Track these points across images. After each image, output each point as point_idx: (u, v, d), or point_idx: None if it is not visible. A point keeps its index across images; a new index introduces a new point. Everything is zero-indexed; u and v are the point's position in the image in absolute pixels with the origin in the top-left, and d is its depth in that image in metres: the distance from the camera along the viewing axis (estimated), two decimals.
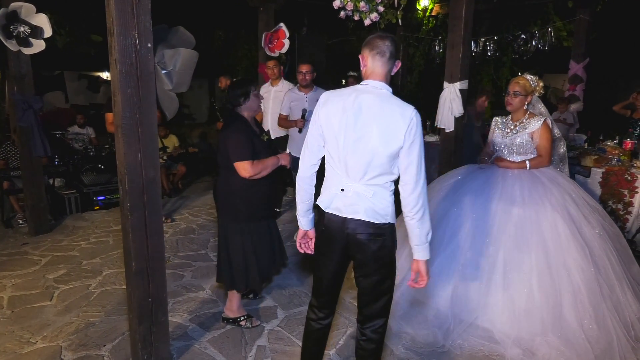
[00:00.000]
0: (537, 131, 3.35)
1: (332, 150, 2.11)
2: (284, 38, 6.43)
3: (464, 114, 4.63)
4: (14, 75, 4.72)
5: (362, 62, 2.14)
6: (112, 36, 2.35)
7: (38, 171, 5.09)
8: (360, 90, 2.09)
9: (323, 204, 2.18)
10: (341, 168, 2.11)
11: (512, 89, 3.40)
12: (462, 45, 4.48)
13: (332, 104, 2.10)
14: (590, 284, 2.97)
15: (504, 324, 3.02)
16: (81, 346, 3.03)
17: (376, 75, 2.10)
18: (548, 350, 2.86)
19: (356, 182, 2.09)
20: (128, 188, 2.50)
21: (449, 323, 3.11)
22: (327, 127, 2.10)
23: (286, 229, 5.37)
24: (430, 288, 3.22)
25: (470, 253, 3.24)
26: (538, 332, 2.94)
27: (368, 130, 2.02)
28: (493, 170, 3.53)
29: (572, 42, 7.21)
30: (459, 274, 3.23)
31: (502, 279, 3.10)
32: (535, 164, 3.38)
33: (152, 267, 2.66)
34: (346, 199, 2.11)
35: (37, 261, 4.40)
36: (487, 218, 3.28)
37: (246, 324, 3.27)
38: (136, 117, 2.46)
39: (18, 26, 4.15)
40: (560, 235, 3.08)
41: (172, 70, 2.63)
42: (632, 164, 4.63)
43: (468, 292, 3.17)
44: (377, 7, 3.87)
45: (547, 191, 3.24)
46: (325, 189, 2.21)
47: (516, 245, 3.13)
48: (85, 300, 3.65)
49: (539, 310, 2.98)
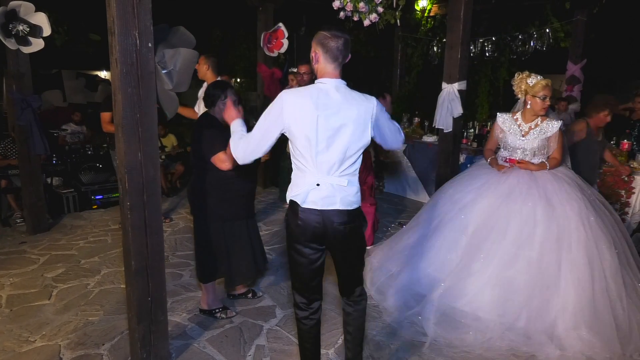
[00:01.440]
0: (554, 136, 3.44)
1: (303, 148, 2.14)
2: (282, 38, 6.45)
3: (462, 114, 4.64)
4: (13, 74, 4.72)
5: (315, 57, 2.18)
6: (113, 36, 2.35)
7: (36, 170, 5.09)
8: (323, 89, 2.15)
9: (299, 199, 2.21)
10: (313, 164, 2.15)
11: (545, 93, 3.38)
12: (460, 45, 4.50)
13: (299, 104, 2.11)
14: (616, 276, 3.10)
15: (544, 322, 3.05)
16: (80, 345, 3.03)
17: (331, 74, 2.18)
18: (580, 344, 2.92)
19: (330, 175, 2.17)
20: (128, 187, 2.50)
21: (486, 326, 3.09)
22: (296, 126, 2.11)
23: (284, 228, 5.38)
24: (468, 294, 3.22)
25: (508, 257, 3.24)
26: (571, 326, 2.99)
27: (341, 126, 2.12)
28: (518, 172, 3.51)
29: (570, 43, 7.24)
30: (496, 278, 3.22)
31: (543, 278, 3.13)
32: (553, 165, 3.48)
33: (151, 266, 2.67)
34: (322, 192, 2.18)
35: (35, 260, 4.40)
36: (530, 221, 3.28)
37: (221, 315, 3.37)
38: (136, 117, 2.46)
39: (17, 25, 4.15)
40: (592, 229, 3.18)
41: (172, 70, 2.63)
42: (629, 165, 4.65)
43: (508, 294, 3.16)
44: (377, 8, 3.88)
45: (572, 189, 3.35)
46: (296, 186, 2.24)
47: (558, 246, 3.17)
48: (84, 299, 3.66)
49: (575, 305, 3.04)
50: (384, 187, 6.97)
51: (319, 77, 2.20)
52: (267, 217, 5.78)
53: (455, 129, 4.77)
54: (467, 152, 5.90)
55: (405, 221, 5.53)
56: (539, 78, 3.42)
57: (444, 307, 3.25)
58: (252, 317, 3.42)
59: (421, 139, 6.46)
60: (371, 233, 4.66)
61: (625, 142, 4.93)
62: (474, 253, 3.33)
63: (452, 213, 3.59)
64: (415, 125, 6.94)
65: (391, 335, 3.18)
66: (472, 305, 3.20)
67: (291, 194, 2.26)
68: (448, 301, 3.27)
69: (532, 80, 3.43)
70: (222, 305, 3.43)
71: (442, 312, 3.24)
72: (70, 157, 6.59)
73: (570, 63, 7.30)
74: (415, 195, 6.62)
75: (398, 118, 7.55)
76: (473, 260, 3.32)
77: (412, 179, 6.59)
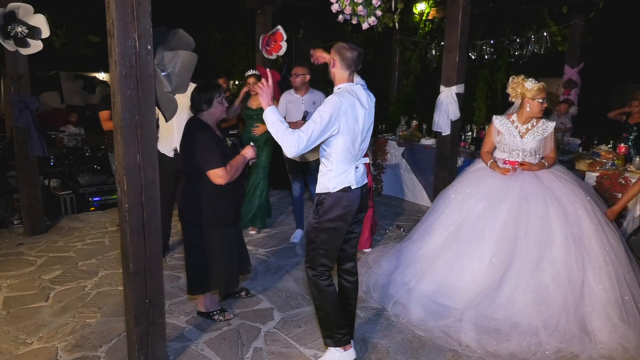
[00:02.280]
0: (550, 136, 3.58)
1: (351, 143, 2.57)
2: (281, 40, 6.46)
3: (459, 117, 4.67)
4: (11, 76, 4.71)
5: (332, 62, 2.63)
6: (113, 38, 2.36)
7: (33, 171, 5.08)
8: (358, 94, 2.62)
9: (353, 182, 2.62)
10: (354, 151, 2.61)
11: (542, 97, 3.48)
12: (458, 49, 4.52)
13: (352, 108, 2.53)
14: (629, 268, 3.25)
15: (579, 320, 3.08)
16: (77, 347, 3.03)
17: (347, 79, 2.64)
18: (615, 336, 3.01)
19: (360, 158, 2.69)
20: (127, 189, 2.50)
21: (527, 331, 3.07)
22: (351, 127, 2.53)
23: (282, 231, 5.39)
24: (500, 301, 3.20)
25: (533, 260, 3.25)
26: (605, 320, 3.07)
27: (372, 118, 2.71)
28: (524, 175, 3.55)
29: (567, 46, 7.27)
30: (525, 282, 3.22)
31: (570, 278, 3.17)
32: (551, 164, 3.60)
33: (149, 268, 2.67)
34: (359, 173, 2.67)
35: (32, 262, 4.39)
36: (547, 223, 3.31)
37: (219, 317, 3.38)
38: (135, 119, 2.46)
39: (16, 26, 4.15)
40: (602, 225, 3.31)
41: (171, 73, 2.63)
42: (626, 168, 4.67)
43: (540, 297, 3.17)
44: (375, 11, 3.89)
45: (576, 189, 3.46)
46: (340, 174, 2.60)
47: (577, 244, 3.23)
48: (82, 301, 3.65)
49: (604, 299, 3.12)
50: (382, 190, 6.98)
51: (339, 81, 2.64)
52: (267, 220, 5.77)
53: (453, 132, 4.79)
54: (465, 155, 5.92)
55: (403, 224, 5.54)
56: (535, 82, 3.49)
57: (477, 316, 3.20)
58: (250, 319, 3.42)
59: (419, 141, 6.47)
60: (369, 236, 4.67)
61: (622, 146, 4.95)
62: (499, 260, 3.31)
63: (468, 221, 3.55)
64: (414, 128, 6.95)
65: (423, 347, 3.11)
66: (505, 312, 3.16)
67: (339, 182, 2.59)
68: (480, 310, 3.21)
69: (530, 84, 3.47)
70: (219, 308, 3.43)
71: (477, 322, 3.18)
72: (67, 159, 6.58)
73: (567, 67, 7.33)
74: (413, 198, 6.63)
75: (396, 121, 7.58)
76: (499, 267, 3.29)
77: (410, 181, 6.60)
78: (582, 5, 6.72)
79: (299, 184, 4.86)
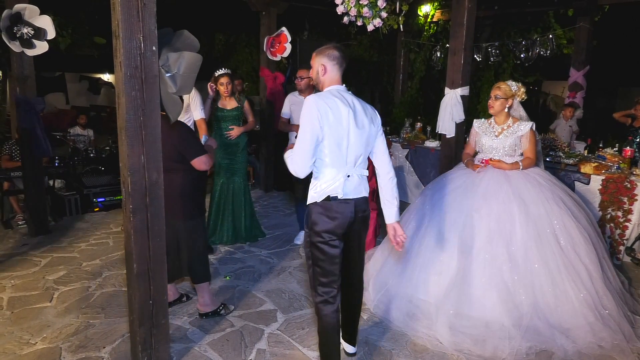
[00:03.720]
0: (526, 135, 3.58)
1: (337, 145, 2.39)
2: (285, 42, 6.47)
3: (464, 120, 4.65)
4: (17, 77, 4.74)
5: (322, 70, 2.49)
6: (118, 39, 2.36)
7: (39, 172, 5.10)
8: (342, 94, 2.46)
9: (338, 192, 2.42)
10: (344, 159, 2.42)
11: (493, 93, 3.64)
12: (463, 51, 4.51)
13: (333, 107, 2.37)
14: (598, 271, 3.27)
15: (552, 317, 3.10)
16: (81, 348, 3.03)
17: (338, 81, 2.52)
18: (591, 335, 3.03)
19: (355, 167, 2.47)
20: (131, 190, 2.51)
21: (499, 329, 3.07)
22: (333, 127, 2.35)
23: (285, 232, 5.39)
24: (472, 298, 3.20)
25: (499, 256, 3.25)
26: (580, 318, 3.09)
27: (364, 123, 2.46)
28: (493, 172, 3.59)
29: (572, 49, 7.24)
30: (497, 280, 3.20)
31: (535, 276, 3.17)
32: (526, 165, 3.58)
33: (153, 270, 2.67)
34: (352, 183, 2.46)
35: (37, 262, 4.40)
36: (509, 220, 3.33)
37: (225, 311, 3.46)
38: (140, 120, 2.47)
39: (22, 27, 4.17)
40: (572, 228, 3.32)
41: (176, 74, 2.63)
42: (632, 172, 4.64)
43: (509, 295, 3.16)
44: (380, 13, 3.89)
45: (542, 189, 3.46)
46: (326, 182, 2.43)
47: (540, 243, 3.24)
48: (85, 301, 3.65)
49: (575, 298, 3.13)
50: None
51: (327, 86, 2.50)
52: (269, 221, 5.77)
53: (458, 135, 4.77)
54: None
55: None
56: (509, 83, 3.65)
57: (450, 314, 3.20)
58: (254, 321, 3.41)
59: (423, 144, 6.46)
60: (372, 238, 4.66)
61: (628, 149, 4.92)
62: (466, 254, 3.32)
63: (435, 215, 3.61)
64: (418, 131, 6.95)
65: (426, 350, 3.09)
66: (478, 310, 3.16)
67: (324, 191, 2.43)
68: (454, 307, 3.22)
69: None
70: (221, 302, 3.51)
71: (450, 321, 3.17)
72: (72, 160, 6.60)
73: (573, 70, 7.30)
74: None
75: (400, 123, 7.56)
76: (468, 262, 3.29)
77: (414, 183, 6.58)
78: (587, 8, 6.70)
79: (301, 184, 4.86)
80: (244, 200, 4.95)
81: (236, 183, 4.89)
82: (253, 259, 4.58)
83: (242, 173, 4.93)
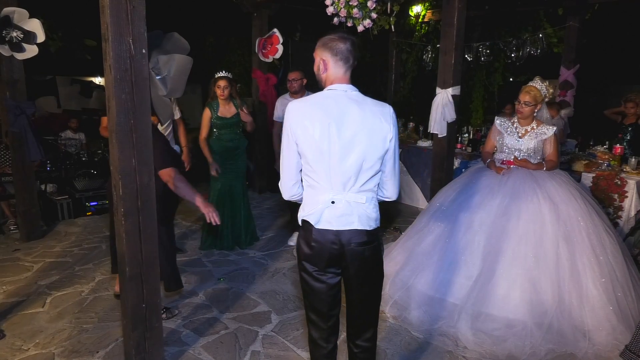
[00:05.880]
0: (550, 139, 3.56)
1: (314, 162, 1.95)
2: (277, 44, 6.47)
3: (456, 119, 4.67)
4: (7, 81, 4.70)
5: (323, 65, 2.04)
6: (107, 42, 2.35)
7: (30, 176, 5.06)
8: (331, 95, 1.99)
9: (312, 219, 2.01)
10: (326, 179, 1.96)
11: (522, 99, 3.52)
12: (454, 51, 4.53)
13: (307, 112, 1.95)
14: (623, 269, 3.24)
15: (574, 319, 3.07)
16: (74, 353, 3.01)
17: (341, 79, 2.03)
18: (612, 337, 3.00)
19: (345, 191, 1.98)
20: (122, 193, 2.50)
21: (522, 329, 3.06)
22: (305, 138, 1.93)
23: (279, 234, 5.38)
24: (495, 298, 3.18)
25: (526, 256, 3.24)
26: (602, 320, 3.06)
27: (355, 136, 1.93)
28: (518, 173, 3.57)
29: (563, 48, 7.29)
30: (522, 280, 3.20)
31: (562, 276, 3.16)
32: (549, 168, 3.57)
33: (146, 273, 2.66)
34: (337, 211, 1.98)
35: (29, 267, 4.37)
36: (539, 220, 3.31)
37: (167, 315, 3.45)
38: (130, 123, 2.46)
39: (11, 31, 4.14)
40: (595, 226, 3.29)
41: (166, 76, 2.64)
42: (622, 169, 4.69)
43: (534, 294, 3.15)
44: (371, 14, 3.90)
45: (569, 187, 3.45)
46: (308, 204, 2.04)
47: (569, 243, 3.22)
48: (78, 306, 3.63)
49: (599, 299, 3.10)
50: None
51: (329, 85, 2.04)
52: (262, 223, 5.77)
53: (450, 134, 4.79)
54: (462, 157, 5.92)
55: (400, 226, 5.54)
56: (539, 86, 3.52)
57: (473, 313, 3.19)
58: (248, 322, 3.41)
59: (416, 143, 6.48)
60: None
61: (618, 147, 4.96)
62: (493, 255, 3.31)
63: (461, 216, 3.56)
64: (410, 130, 6.96)
65: (421, 349, 3.10)
66: (501, 309, 3.15)
67: (303, 214, 2.06)
68: (477, 307, 3.20)
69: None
70: (164, 306, 3.48)
71: (473, 320, 3.16)
72: (64, 164, 6.56)
73: (563, 68, 7.34)
74: (410, 201, 6.63)
75: None
76: (493, 262, 3.28)
77: (407, 183, 6.60)
78: (577, 7, 6.74)
79: None
80: (243, 205, 4.90)
81: (236, 187, 4.81)
82: (247, 261, 4.57)
83: (242, 177, 4.88)
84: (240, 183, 4.85)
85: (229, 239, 4.85)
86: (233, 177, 4.78)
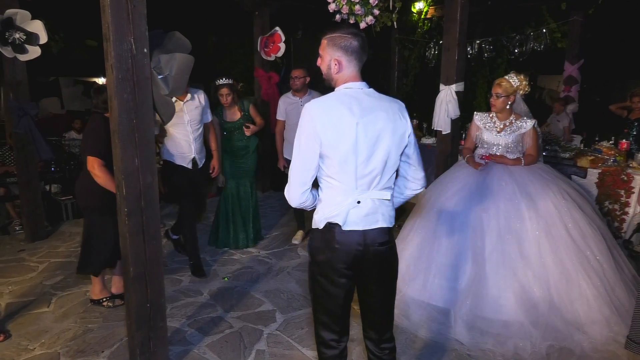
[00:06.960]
0: (529, 132, 3.54)
1: (341, 163, 1.88)
2: (279, 42, 6.46)
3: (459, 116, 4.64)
4: (10, 82, 4.72)
5: (336, 66, 1.96)
6: (108, 42, 2.35)
7: (34, 177, 5.08)
8: (352, 94, 1.93)
9: (339, 220, 1.93)
10: (352, 180, 1.91)
11: (494, 91, 3.54)
12: (457, 47, 4.50)
13: (335, 114, 1.87)
14: (610, 262, 3.24)
15: (567, 314, 3.07)
16: (79, 352, 3.02)
17: (356, 77, 1.98)
18: (607, 330, 3.00)
19: (370, 189, 1.94)
20: (125, 193, 2.50)
21: (519, 329, 3.05)
22: (334, 139, 1.85)
23: (283, 232, 5.38)
24: (489, 300, 3.15)
25: (512, 255, 3.22)
26: (596, 313, 3.06)
27: (380, 134, 1.90)
28: (496, 169, 3.55)
29: (566, 43, 7.24)
30: (512, 280, 3.18)
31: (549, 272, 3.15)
32: (529, 162, 3.54)
33: (150, 272, 2.66)
34: (362, 210, 1.94)
35: (34, 268, 4.39)
36: (518, 217, 3.29)
37: (108, 304, 3.60)
38: (133, 122, 2.46)
39: (13, 33, 4.14)
40: (581, 220, 3.28)
41: (168, 75, 2.62)
42: (628, 165, 4.65)
43: (525, 293, 3.14)
44: (373, 11, 3.88)
45: (548, 182, 3.43)
46: (330, 206, 1.95)
47: (551, 239, 3.20)
48: (83, 306, 3.64)
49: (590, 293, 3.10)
50: None
51: (341, 84, 1.97)
52: (267, 221, 5.76)
53: (454, 131, 4.76)
54: None
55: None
56: (510, 79, 3.51)
57: (470, 317, 3.16)
58: (252, 321, 3.40)
59: (420, 140, 6.45)
60: None
61: (624, 142, 4.93)
62: (479, 257, 3.29)
63: (445, 220, 3.51)
64: (414, 127, 6.94)
65: (426, 347, 3.09)
66: (495, 310, 3.13)
67: (324, 216, 1.96)
68: (472, 311, 3.18)
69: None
70: (109, 295, 3.66)
71: (469, 325, 3.14)
72: (68, 164, 6.58)
73: (567, 63, 7.31)
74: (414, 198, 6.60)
75: None
76: (482, 264, 3.26)
77: None
78: (580, 1, 6.69)
79: None
80: (252, 204, 4.93)
81: (245, 187, 4.85)
82: (251, 260, 4.57)
83: (252, 176, 4.90)
84: (249, 182, 4.88)
85: (241, 237, 4.88)
86: (243, 176, 4.83)
